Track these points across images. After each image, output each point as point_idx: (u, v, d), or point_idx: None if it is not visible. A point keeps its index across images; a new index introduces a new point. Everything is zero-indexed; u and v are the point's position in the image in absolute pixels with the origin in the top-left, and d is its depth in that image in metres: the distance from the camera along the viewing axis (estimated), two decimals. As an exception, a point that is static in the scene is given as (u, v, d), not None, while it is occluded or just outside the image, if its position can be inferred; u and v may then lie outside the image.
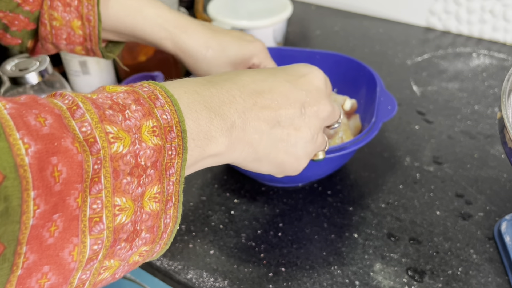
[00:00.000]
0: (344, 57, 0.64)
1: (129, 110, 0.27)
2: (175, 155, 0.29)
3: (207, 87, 0.33)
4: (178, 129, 0.29)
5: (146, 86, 0.30)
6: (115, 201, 0.26)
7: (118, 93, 0.28)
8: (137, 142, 0.26)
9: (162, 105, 0.28)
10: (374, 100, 0.56)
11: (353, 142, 0.49)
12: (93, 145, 0.25)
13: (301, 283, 0.47)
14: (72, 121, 0.25)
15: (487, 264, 0.48)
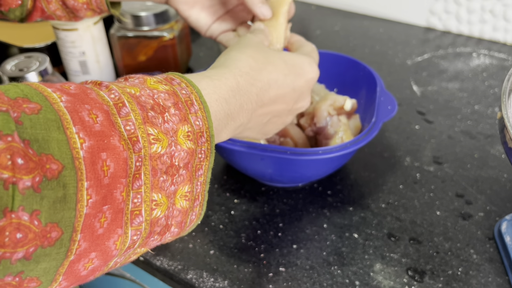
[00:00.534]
0: (344, 57, 0.64)
1: (168, 113, 0.29)
2: (204, 158, 0.31)
3: (234, 95, 0.35)
4: (208, 135, 0.31)
5: (184, 87, 0.31)
6: (153, 196, 0.28)
7: (159, 92, 0.30)
8: (173, 145, 0.29)
9: (196, 111, 0.31)
10: (374, 100, 0.56)
11: (353, 142, 0.49)
12: (136, 144, 0.27)
13: (301, 283, 0.47)
14: (119, 118, 0.26)
15: (487, 264, 0.48)
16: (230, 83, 0.35)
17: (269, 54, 0.40)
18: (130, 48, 0.74)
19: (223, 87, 0.35)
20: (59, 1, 0.50)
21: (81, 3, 0.50)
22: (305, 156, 0.48)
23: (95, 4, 0.50)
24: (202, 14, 0.53)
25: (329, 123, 0.55)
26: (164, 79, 0.31)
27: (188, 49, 0.81)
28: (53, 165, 0.22)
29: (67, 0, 0.49)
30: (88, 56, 0.69)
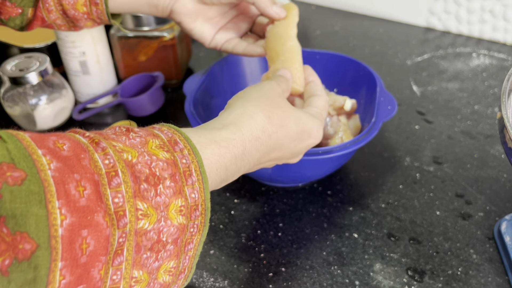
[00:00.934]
0: (344, 57, 0.64)
1: (162, 186, 0.27)
2: (196, 232, 0.30)
3: (236, 162, 0.34)
4: (203, 207, 0.30)
5: (186, 155, 0.30)
6: (133, 273, 0.26)
7: (158, 160, 0.28)
8: (162, 220, 0.27)
9: (193, 183, 0.29)
10: (374, 100, 0.56)
11: (353, 142, 0.49)
12: (122, 218, 0.25)
13: (301, 283, 0.47)
14: (108, 189, 0.25)
15: (487, 264, 0.48)
16: (236, 151, 0.34)
17: (286, 115, 0.39)
18: (131, 48, 0.74)
19: (228, 156, 0.33)
20: (59, 11, 0.50)
21: (81, 13, 0.50)
22: (305, 156, 0.48)
23: (96, 14, 0.50)
24: (205, 25, 0.53)
25: (329, 123, 0.55)
26: (167, 142, 0.29)
27: (188, 49, 0.81)
28: (27, 244, 0.21)
29: (67, 10, 0.49)
30: (88, 56, 0.69)
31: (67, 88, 0.69)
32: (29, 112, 0.65)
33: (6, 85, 0.66)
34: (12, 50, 0.77)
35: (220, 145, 0.33)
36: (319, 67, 0.66)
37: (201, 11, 0.52)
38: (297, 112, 0.40)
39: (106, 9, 0.49)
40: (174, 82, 0.77)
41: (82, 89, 0.72)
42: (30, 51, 0.74)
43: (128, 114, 0.72)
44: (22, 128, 0.69)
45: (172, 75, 0.76)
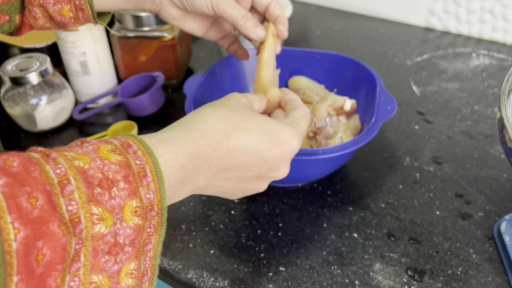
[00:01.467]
0: (344, 57, 0.64)
1: (116, 188, 0.28)
2: (153, 232, 0.30)
3: (192, 160, 0.33)
4: (159, 207, 0.30)
5: (140, 156, 0.30)
6: (92, 278, 0.27)
7: (111, 163, 0.28)
8: (118, 222, 0.27)
9: (148, 183, 0.29)
10: (374, 100, 0.56)
11: (353, 142, 0.49)
12: (77, 225, 0.25)
13: (301, 283, 0.47)
14: (61, 198, 0.25)
15: (487, 264, 0.48)
16: (189, 148, 0.33)
17: (245, 118, 0.37)
18: (131, 49, 0.74)
19: (181, 153, 0.32)
20: (46, 17, 0.50)
21: (68, 18, 0.50)
22: (305, 156, 0.48)
23: (83, 18, 0.50)
24: (194, 26, 0.54)
25: (328, 124, 0.55)
26: (120, 146, 0.30)
27: (189, 49, 0.81)
28: None
29: (54, 16, 0.49)
30: (88, 56, 0.69)
31: (68, 88, 0.69)
32: (29, 112, 0.65)
33: (7, 85, 0.66)
34: (12, 50, 0.77)
35: (170, 142, 0.32)
36: (319, 67, 0.66)
37: (187, 16, 0.53)
38: (263, 118, 0.38)
39: (92, 14, 0.49)
40: (174, 82, 0.77)
41: (83, 89, 0.72)
42: (31, 51, 0.74)
43: (128, 114, 0.72)
44: (23, 128, 0.69)
45: (172, 75, 0.76)
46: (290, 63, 0.66)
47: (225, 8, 0.49)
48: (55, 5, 0.49)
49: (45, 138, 0.68)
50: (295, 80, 0.66)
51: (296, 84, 0.66)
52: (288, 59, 0.65)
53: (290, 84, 0.66)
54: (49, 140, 0.67)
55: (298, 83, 0.66)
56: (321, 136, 0.55)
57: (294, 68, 0.66)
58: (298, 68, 0.66)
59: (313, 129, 0.56)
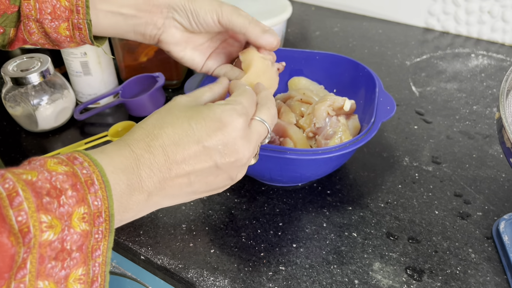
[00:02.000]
0: (344, 58, 0.64)
1: (64, 196, 0.29)
2: (102, 238, 0.31)
3: (130, 164, 0.34)
4: (107, 214, 0.31)
5: (86, 166, 0.31)
6: (38, 284, 0.27)
7: (58, 174, 0.29)
8: (66, 229, 0.28)
9: (96, 191, 0.30)
10: (373, 100, 0.56)
11: (352, 142, 0.50)
12: (27, 235, 0.26)
13: (300, 282, 0.47)
14: (10, 210, 0.26)
15: (486, 263, 0.49)
16: (123, 153, 0.34)
17: (173, 115, 0.37)
18: (131, 49, 0.74)
19: (116, 158, 0.33)
20: (41, 32, 0.49)
21: (64, 36, 0.49)
22: (305, 156, 0.48)
23: (79, 38, 0.49)
24: (195, 53, 0.52)
25: (328, 124, 0.56)
26: (66, 159, 0.31)
27: (189, 49, 0.81)
28: None
29: (50, 33, 0.48)
30: (89, 57, 0.69)
31: (69, 89, 0.70)
32: (30, 112, 0.66)
33: (8, 85, 0.66)
34: (13, 50, 0.77)
35: (105, 153, 0.33)
36: (319, 67, 0.66)
37: (190, 39, 0.51)
38: (193, 108, 0.38)
39: (89, 34, 0.48)
40: (175, 82, 0.78)
41: (84, 89, 0.72)
42: (32, 51, 0.74)
43: (129, 114, 0.72)
44: (24, 128, 0.69)
45: (173, 76, 0.77)
46: (290, 63, 0.66)
47: (230, 18, 0.47)
48: (52, 21, 0.47)
49: (46, 138, 0.68)
50: (294, 81, 0.66)
51: (295, 84, 0.66)
52: (288, 59, 0.65)
53: (290, 85, 0.67)
54: (50, 140, 0.68)
55: (297, 83, 0.66)
56: (321, 136, 0.56)
57: (294, 68, 0.67)
58: (298, 68, 0.67)
59: (312, 129, 0.56)
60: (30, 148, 0.66)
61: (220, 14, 0.47)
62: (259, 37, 0.47)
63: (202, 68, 0.53)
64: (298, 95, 0.62)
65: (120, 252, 0.52)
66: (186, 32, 0.50)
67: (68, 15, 0.47)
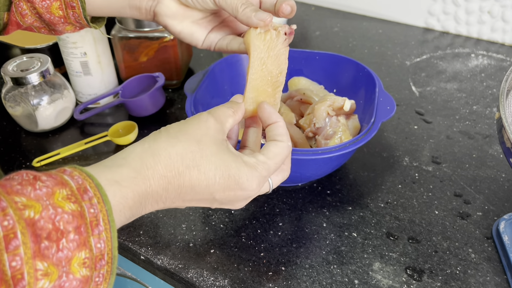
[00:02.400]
0: (344, 58, 0.64)
1: (65, 240, 0.27)
2: (102, 281, 0.29)
3: (140, 200, 0.33)
4: (109, 256, 0.29)
5: (95, 204, 0.29)
6: None
7: (64, 212, 0.27)
8: (64, 275, 0.27)
9: (100, 232, 0.29)
10: (373, 100, 0.56)
11: (352, 142, 0.50)
12: (20, 282, 0.25)
13: (300, 282, 0.47)
14: (5, 254, 0.25)
15: (486, 263, 0.49)
16: (139, 189, 0.32)
17: (203, 155, 0.35)
18: (131, 49, 0.74)
19: (130, 195, 0.32)
20: (34, 14, 0.47)
21: (57, 17, 0.47)
22: (305, 156, 0.48)
23: (73, 18, 0.47)
24: (194, 27, 0.48)
25: (328, 124, 0.56)
26: (76, 191, 0.29)
27: (189, 49, 0.81)
28: None
29: (42, 14, 0.47)
30: (89, 57, 0.69)
31: (69, 89, 0.70)
32: (30, 112, 0.66)
33: (8, 85, 0.66)
34: (13, 50, 0.77)
35: (121, 185, 0.31)
36: (319, 67, 0.66)
37: (187, 13, 0.48)
38: (222, 154, 0.36)
39: (84, 13, 0.46)
40: (175, 82, 0.78)
41: (83, 89, 0.72)
42: (32, 51, 0.74)
43: (129, 114, 0.72)
44: (24, 128, 0.69)
45: (173, 76, 0.77)
46: (290, 63, 0.65)
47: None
48: (43, 0, 0.46)
49: (46, 138, 0.68)
50: (294, 81, 0.66)
51: (295, 84, 0.66)
52: (289, 60, 0.65)
53: (290, 85, 0.67)
54: (50, 140, 0.68)
55: (297, 83, 0.66)
56: (321, 136, 0.56)
57: (294, 68, 0.67)
58: (298, 68, 0.67)
59: (312, 129, 0.56)
60: (30, 148, 0.66)
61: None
62: (250, 19, 0.42)
63: (204, 43, 0.49)
64: (298, 95, 0.62)
65: (120, 252, 0.52)
66: (183, 5, 0.47)
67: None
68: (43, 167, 0.62)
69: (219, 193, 0.36)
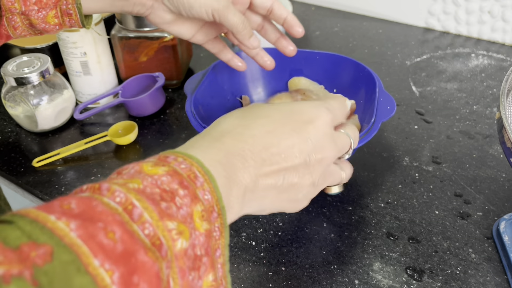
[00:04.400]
0: (344, 57, 0.64)
1: (178, 197, 0.26)
2: (219, 235, 0.28)
3: (224, 154, 0.32)
4: (219, 208, 0.28)
5: (182, 161, 0.28)
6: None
7: (160, 176, 0.26)
8: (192, 232, 0.25)
9: (202, 184, 0.28)
10: (373, 100, 0.56)
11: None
12: (161, 247, 0.23)
13: (301, 282, 0.47)
14: (134, 225, 0.23)
15: (486, 263, 0.49)
16: (214, 145, 0.32)
17: (263, 109, 0.36)
18: (131, 49, 0.74)
19: (208, 150, 0.31)
20: (26, 25, 0.47)
21: (52, 25, 0.47)
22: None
23: (69, 24, 0.48)
24: (182, 28, 0.53)
25: None
26: (158, 160, 0.28)
27: (189, 49, 0.81)
28: None
29: (37, 24, 0.47)
30: (89, 56, 0.69)
31: (68, 88, 0.70)
32: (30, 112, 0.66)
33: (8, 85, 0.66)
34: (13, 50, 0.77)
35: (194, 147, 0.32)
36: (319, 67, 0.66)
37: (177, 20, 0.51)
38: (281, 103, 0.38)
39: (81, 18, 0.47)
40: (175, 82, 0.78)
41: (83, 89, 0.72)
42: (32, 51, 0.74)
43: (129, 114, 0.72)
44: (24, 128, 0.69)
45: (173, 76, 0.77)
46: (290, 63, 0.66)
47: (227, 15, 0.47)
48: (40, 11, 0.45)
49: (46, 138, 0.68)
50: (294, 81, 0.66)
51: (296, 84, 0.66)
52: (287, 59, 0.65)
53: (290, 85, 0.67)
54: (50, 140, 0.68)
55: (298, 83, 0.66)
56: None
57: (294, 68, 0.67)
58: (297, 68, 0.67)
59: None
60: (30, 148, 0.66)
61: (215, 10, 0.47)
62: (245, 40, 0.51)
63: (191, 40, 0.55)
64: (298, 95, 0.62)
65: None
66: (175, 14, 0.50)
67: (55, 1, 0.45)
68: (43, 167, 0.62)
69: (298, 130, 0.35)
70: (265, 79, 0.67)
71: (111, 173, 0.30)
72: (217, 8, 0.47)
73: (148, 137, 0.68)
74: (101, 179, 0.59)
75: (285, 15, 0.52)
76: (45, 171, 0.62)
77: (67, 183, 0.60)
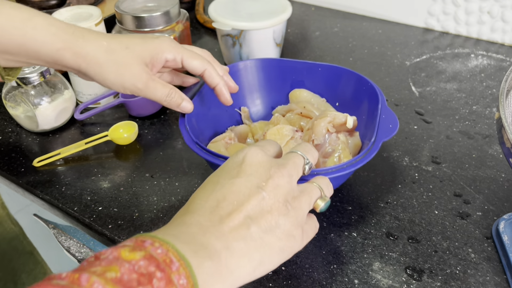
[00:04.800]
0: (346, 70, 0.62)
1: (156, 279, 0.27)
2: None
3: (179, 229, 0.33)
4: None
5: (158, 246, 0.29)
6: None
7: (137, 261, 0.27)
8: None
9: (177, 268, 0.28)
10: (375, 116, 0.54)
11: (350, 163, 0.47)
12: None
13: (300, 282, 0.47)
14: None
15: (485, 263, 0.49)
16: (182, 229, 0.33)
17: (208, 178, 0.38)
18: (131, 49, 0.74)
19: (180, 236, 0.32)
20: None
21: None
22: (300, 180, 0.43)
23: None
24: None
25: (327, 141, 0.54)
26: (135, 244, 0.29)
27: (189, 50, 0.81)
28: None
29: None
30: (89, 57, 0.69)
31: (69, 89, 0.70)
32: (31, 112, 0.66)
33: (8, 85, 0.66)
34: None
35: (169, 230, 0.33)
36: (321, 79, 0.64)
37: None
38: None
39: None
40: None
41: (84, 89, 0.72)
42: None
43: (129, 114, 0.72)
44: (24, 128, 0.69)
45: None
46: (292, 74, 0.64)
47: (148, 95, 0.49)
48: None
49: (47, 138, 0.68)
50: (296, 93, 0.64)
51: (296, 97, 0.64)
52: (289, 70, 0.64)
53: (291, 97, 0.65)
54: (50, 140, 0.68)
55: (299, 96, 0.64)
56: (319, 153, 0.54)
57: (295, 80, 0.65)
58: (299, 80, 0.65)
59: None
60: (30, 148, 0.66)
61: (137, 91, 0.49)
62: (176, 108, 0.52)
63: None
64: (298, 109, 0.61)
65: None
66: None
67: None
68: (44, 167, 0.63)
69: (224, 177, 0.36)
70: (266, 90, 0.66)
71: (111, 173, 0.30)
72: (140, 89, 0.49)
73: (148, 137, 0.68)
74: (101, 179, 0.59)
75: (216, 83, 0.53)
76: (46, 171, 0.62)
77: (67, 183, 0.60)
